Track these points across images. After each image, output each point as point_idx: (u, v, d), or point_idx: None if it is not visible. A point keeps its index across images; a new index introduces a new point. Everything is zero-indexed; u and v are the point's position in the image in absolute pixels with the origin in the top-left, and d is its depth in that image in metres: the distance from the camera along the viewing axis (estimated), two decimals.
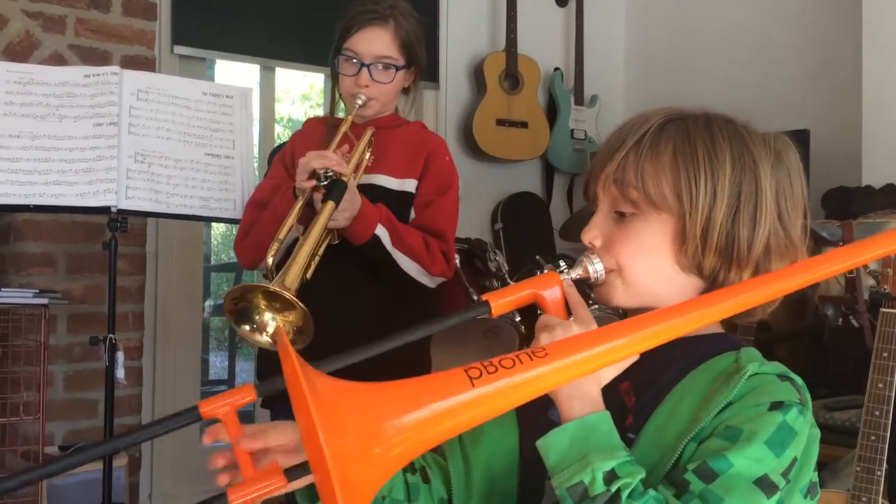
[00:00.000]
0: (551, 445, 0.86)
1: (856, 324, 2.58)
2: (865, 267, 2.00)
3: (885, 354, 1.84)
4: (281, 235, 1.69)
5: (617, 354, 0.85)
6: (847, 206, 2.86)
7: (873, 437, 1.82)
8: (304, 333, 1.59)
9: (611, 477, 0.82)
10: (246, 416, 4.72)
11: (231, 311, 1.63)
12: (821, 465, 2.41)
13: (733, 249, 0.94)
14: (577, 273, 0.98)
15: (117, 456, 2.57)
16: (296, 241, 1.70)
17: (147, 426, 0.80)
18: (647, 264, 0.97)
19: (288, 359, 0.69)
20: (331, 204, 1.65)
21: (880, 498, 1.82)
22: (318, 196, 1.69)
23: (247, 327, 1.64)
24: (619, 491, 0.81)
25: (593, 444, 0.84)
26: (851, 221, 2.64)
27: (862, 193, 2.91)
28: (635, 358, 0.90)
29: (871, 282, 2.03)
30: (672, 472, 0.87)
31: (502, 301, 0.94)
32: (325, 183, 1.67)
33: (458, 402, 0.76)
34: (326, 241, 1.73)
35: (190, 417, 0.78)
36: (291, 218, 1.70)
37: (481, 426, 1.05)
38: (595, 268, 0.98)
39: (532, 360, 0.80)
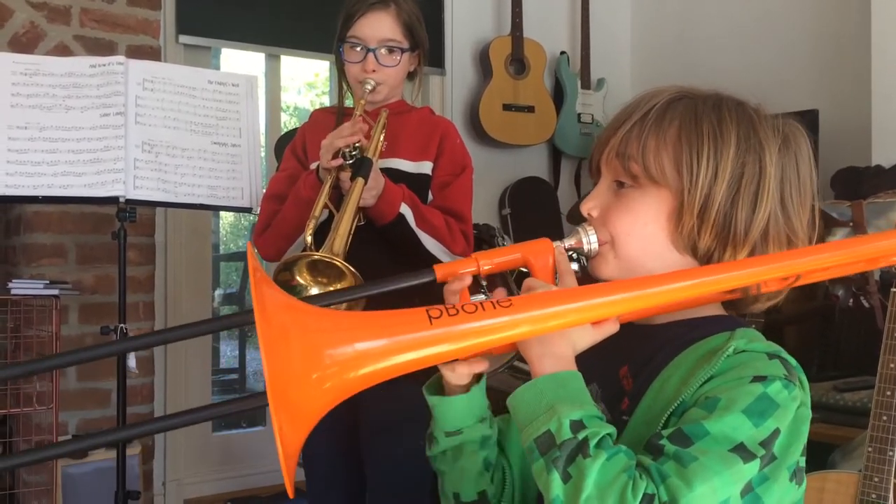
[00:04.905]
0: (520, 400, 0.85)
1: (866, 304, 2.56)
2: None
3: None
4: (316, 212, 1.68)
5: (583, 315, 0.84)
6: (857, 187, 2.84)
7: (885, 418, 1.82)
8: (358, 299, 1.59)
9: (578, 426, 0.81)
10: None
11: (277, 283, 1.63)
12: (832, 447, 2.40)
13: (730, 230, 0.93)
14: (570, 242, 0.98)
15: (131, 444, 2.59)
16: (324, 224, 1.70)
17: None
18: (640, 238, 0.96)
19: (254, 273, 0.72)
20: (360, 181, 1.66)
21: (892, 478, 1.82)
22: (344, 175, 1.70)
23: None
24: (586, 439, 0.80)
25: (563, 396, 0.83)
26: (861, 202, 2.62)
27: (872, 173, 2.89)
28: (614, 329, 0.89)
29: None
30: (649, 441, 0.85)
31: (489, 261, 0.95)
32: (351, 161, 1.68)
33: (415, 338, 0.77)
34: (355, 220, 1.73)
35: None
36: (324, 196, 1.69)
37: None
38: (589, 238, 0.97)
39: (495, 308, 0.80)
